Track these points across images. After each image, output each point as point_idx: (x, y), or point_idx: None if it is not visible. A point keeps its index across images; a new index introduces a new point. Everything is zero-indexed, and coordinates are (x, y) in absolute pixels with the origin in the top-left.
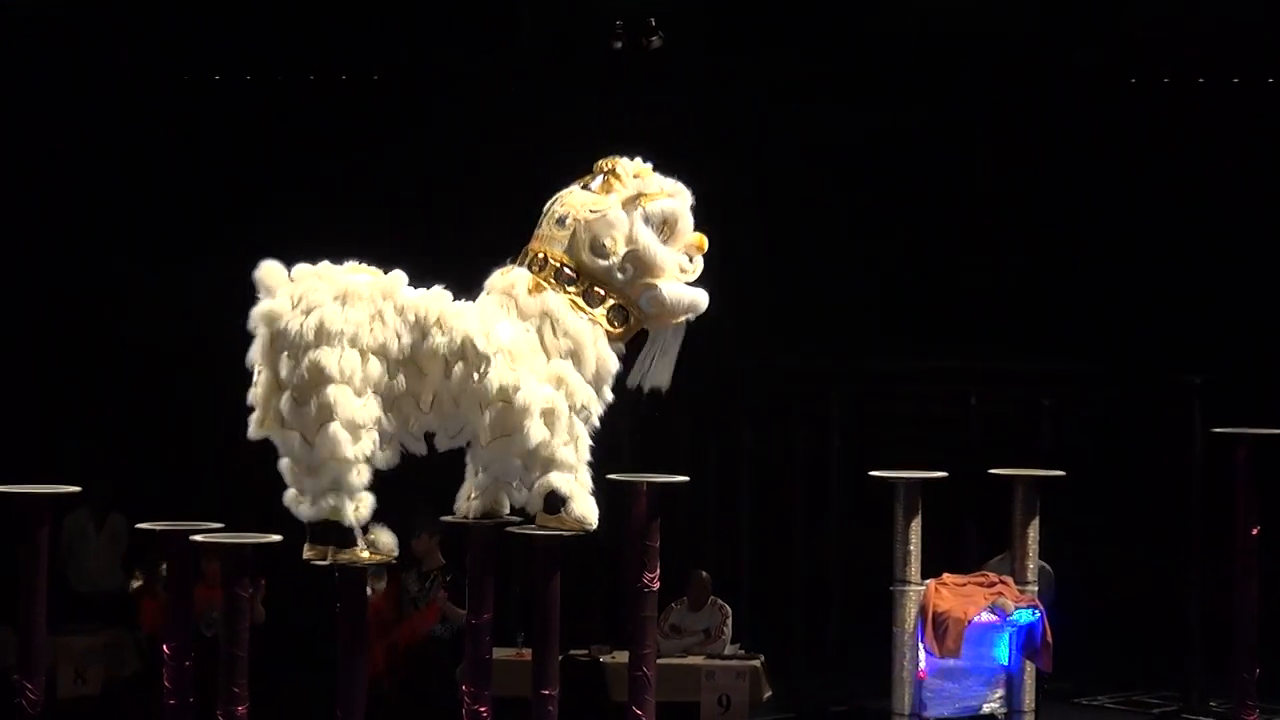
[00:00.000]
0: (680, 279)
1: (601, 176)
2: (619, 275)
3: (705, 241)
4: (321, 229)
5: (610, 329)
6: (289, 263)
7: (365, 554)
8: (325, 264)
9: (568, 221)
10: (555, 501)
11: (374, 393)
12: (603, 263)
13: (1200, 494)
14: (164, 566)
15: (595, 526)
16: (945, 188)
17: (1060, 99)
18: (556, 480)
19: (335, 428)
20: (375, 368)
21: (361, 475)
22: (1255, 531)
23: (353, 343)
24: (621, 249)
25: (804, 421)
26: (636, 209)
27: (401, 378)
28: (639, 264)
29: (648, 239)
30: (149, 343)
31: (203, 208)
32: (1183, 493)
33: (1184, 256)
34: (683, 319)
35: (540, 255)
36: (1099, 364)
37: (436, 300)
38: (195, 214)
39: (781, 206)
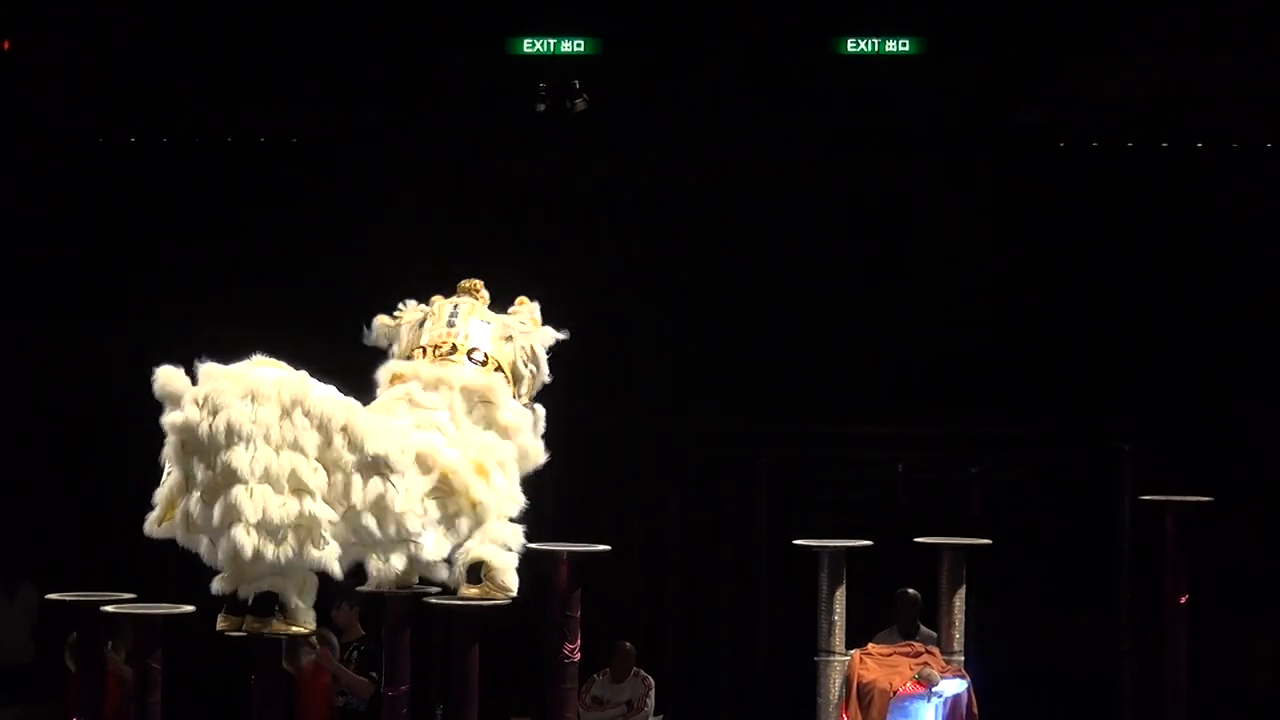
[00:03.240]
0: None
1: (477, 294)
2: (522, 389)
3: None
4: (235, 292)
5: None
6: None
7: (279, 626)
8: (230, 365)
9: (494, 329)
10: (477, 572)
11: (300, 491)
12: (526, 374)
13: (1129, 561)
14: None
15: (515, 593)
16: (875, 252)
17: (992, 160)
18: (488, 552)
19: (240, 530)
20: (290, 463)
21: (295, 568)
22: (1184, 599)
23: (266, 440)
24: (535, 368)
25: (730, 488)
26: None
27: (323, 474)
28: (530, 385)
29: (545, 367)
30: (59, 408)
31: (117, 270)
32: (1112, 560)
33: (1113, 323)
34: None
35: (476, 350)
36: (1027, 430)
37: (344, 408)
38: (109, 277)
39: (710, 268)
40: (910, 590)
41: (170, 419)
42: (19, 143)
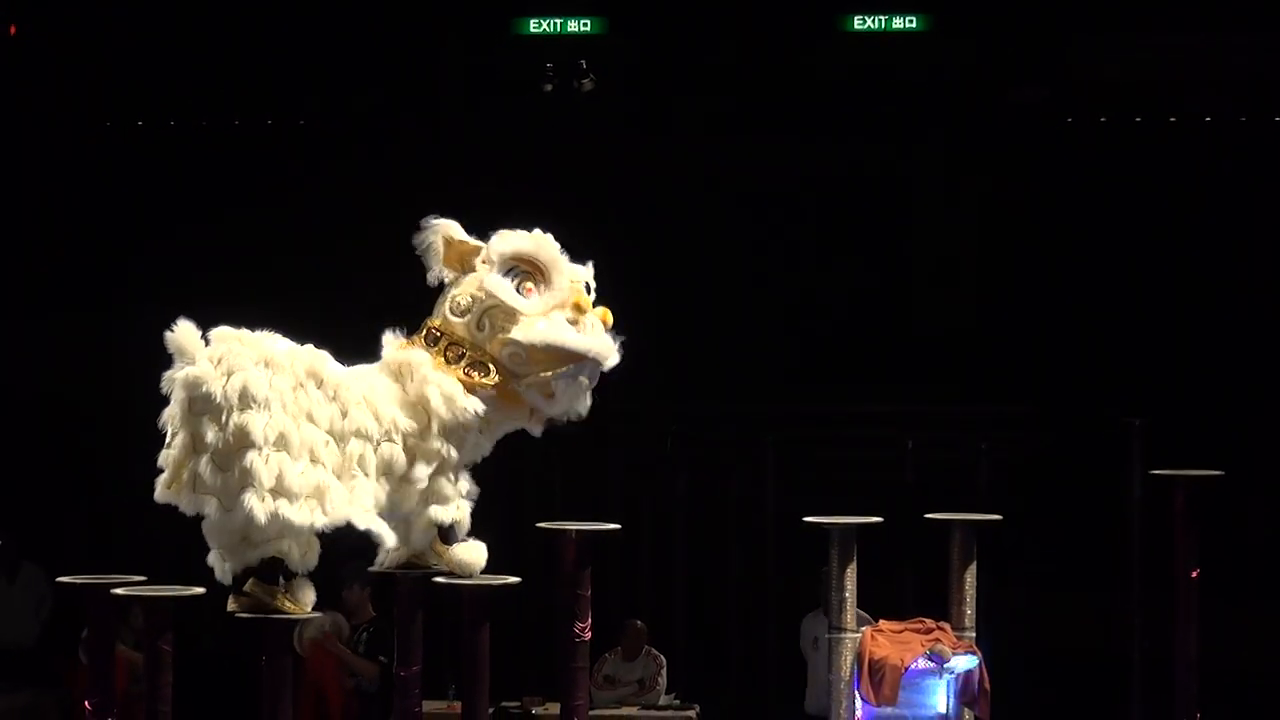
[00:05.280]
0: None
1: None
2: (478, 332)
3: (586, 302)
4: (232, 277)
5: (470, 379)
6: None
7: (280, 601)
8: (245, 330)
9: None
10: (447, 535)
11: (314, 461)
12: (459, 321)
13: (1140, 536)
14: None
15: (481, 567)
16: (880, 229)
17: (995, 138)
18: (438, 513)
19: (251, 495)
20: (309, 433)
21: (306, 529)
22: (1195, 574)
23: (281, 407)
24: (479, 307)
25: (739, 467)
26: (488, 261)
27: (334, 447)
28: (493, 318)
29: (497, 287)
30: (58, 390)
31: (117, 256)
32: (1122, 535)
33: (1122, 298)
34: (590, 361)
35: (425, 321)
36: (1037, 406)
37: (360, 378)
38: (110, 262)
39: (716, 248)
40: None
41: (182, 374)
42: (23, 128)
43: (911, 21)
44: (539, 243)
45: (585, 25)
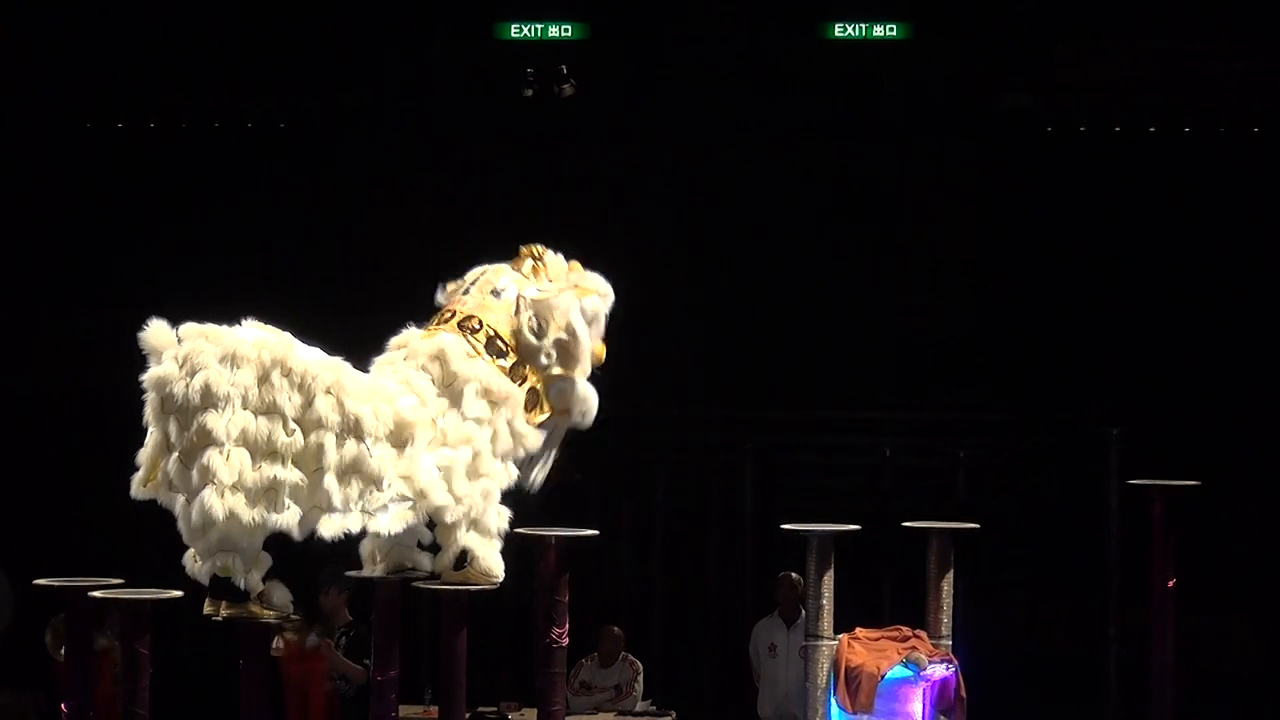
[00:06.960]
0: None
1: (530, 261)
2: (543, 359)
3: (603, 353)
4: (217, 275)
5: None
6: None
7: (257, 610)
8: (212, 325)
9: (506, 295)
10: (463, 560)
11: (273, 455)
12: (535, 342)
13: (1117, 545)
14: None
15: (501, 578)
16: (861, 236)
17: (979, 145)
18: (472, 541)
19: (210, 492)
20: (267, 428)
21: (254, 536)
22: (1171, 583)
23: (244, 404)
24: (553, 334)
25: (717, 473)
26: (577, 300)
27: (299, 436)
28: (565, 353)
29: (582, 331)
30: (35, 391)
31: (94, 253)
32: (1100, 544)
33: (1101, 307)
34: (573, 420)
35: (473, 319)
36: (1015, 415)
37: (330, 368)
38: (87, 260)
39: (695, 254)
40: (792, 574)
41: (150, 374)
42: (19, 127)
43: (892, 30)
44: (606, 304)
45: (566, 31)
